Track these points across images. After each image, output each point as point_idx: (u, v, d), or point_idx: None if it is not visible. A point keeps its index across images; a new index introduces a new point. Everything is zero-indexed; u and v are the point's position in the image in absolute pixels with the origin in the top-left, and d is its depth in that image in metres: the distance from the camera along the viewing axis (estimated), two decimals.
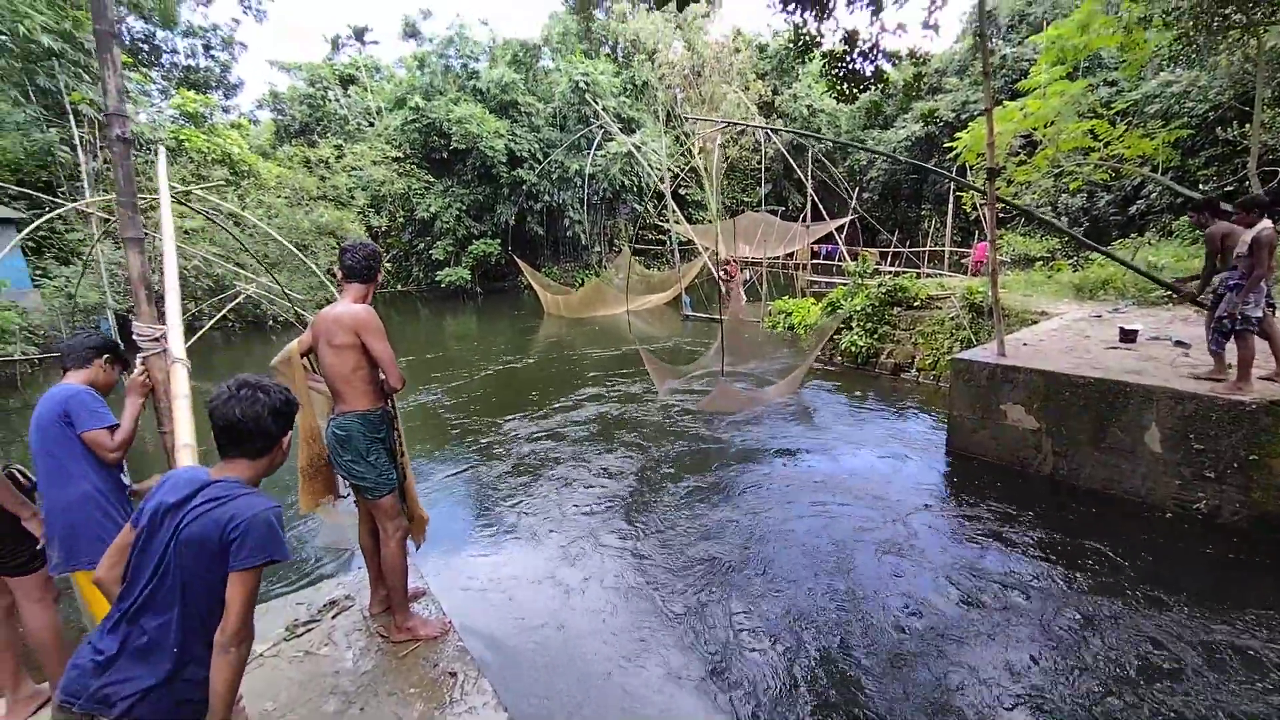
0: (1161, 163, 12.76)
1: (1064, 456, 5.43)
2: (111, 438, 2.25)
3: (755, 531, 4.83)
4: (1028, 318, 8.53)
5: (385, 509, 2.68)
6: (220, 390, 1.57)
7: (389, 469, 2.69)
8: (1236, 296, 4.49)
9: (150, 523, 1.46)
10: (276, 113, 26.34)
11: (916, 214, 27.48)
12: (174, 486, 1.50)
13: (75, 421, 2.21)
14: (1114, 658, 3.28)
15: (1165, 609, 3.67)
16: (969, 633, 3.53)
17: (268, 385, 1.61)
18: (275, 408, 1.58)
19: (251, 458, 1.58)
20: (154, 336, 2.23)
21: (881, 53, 6.94)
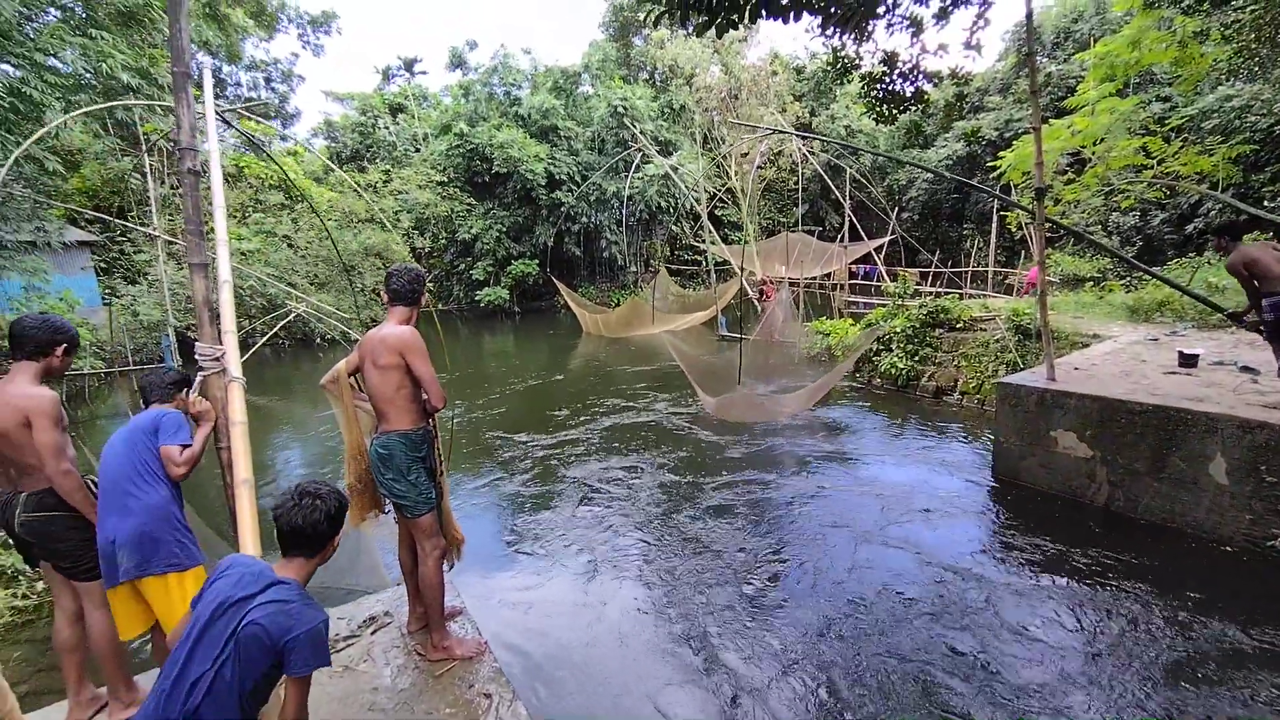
0: (1222, 180, 12.23)
1: (1120, 487, 5.17)
2: (181, 454, 2.39)
3: (789, 558, 4.74)
4: (1078, 340, 8.22)
5: (424, 528, 2.73)
6: (285, 499, 1.78)
7: (428, 488, 2.75)
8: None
9: (212, 613, 1.59)
10: (330, 140, 27.61)
11: (958, 233, 26.88)
12: (240, 582, 1.64)
13: (161, 434, 2.37)
14: (1178, 704, 3.08)
15: (1239, 655, 3.43)
16: (1022, 676, 3.37)
17: (324, 493, 1.81)
18: (330, 514, 1.79)
19: (308, 556, 1.79)
20: (214, 356, 2.36)
21: (922, 74, 6.89)
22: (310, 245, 19.71)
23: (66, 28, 11.25)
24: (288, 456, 8.60)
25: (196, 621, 1.59)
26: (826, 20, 4.96)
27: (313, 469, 7.93)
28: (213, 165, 2.59)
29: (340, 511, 1.83)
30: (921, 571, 4.49)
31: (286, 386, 13.85)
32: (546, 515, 5.74)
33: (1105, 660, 3.43)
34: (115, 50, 11.31)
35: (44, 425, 2.23)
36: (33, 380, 2.32)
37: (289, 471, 7.88)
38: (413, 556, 2.83)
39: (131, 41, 12.46)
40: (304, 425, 9.94)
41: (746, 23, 4.61)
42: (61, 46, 11.23)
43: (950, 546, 4.87)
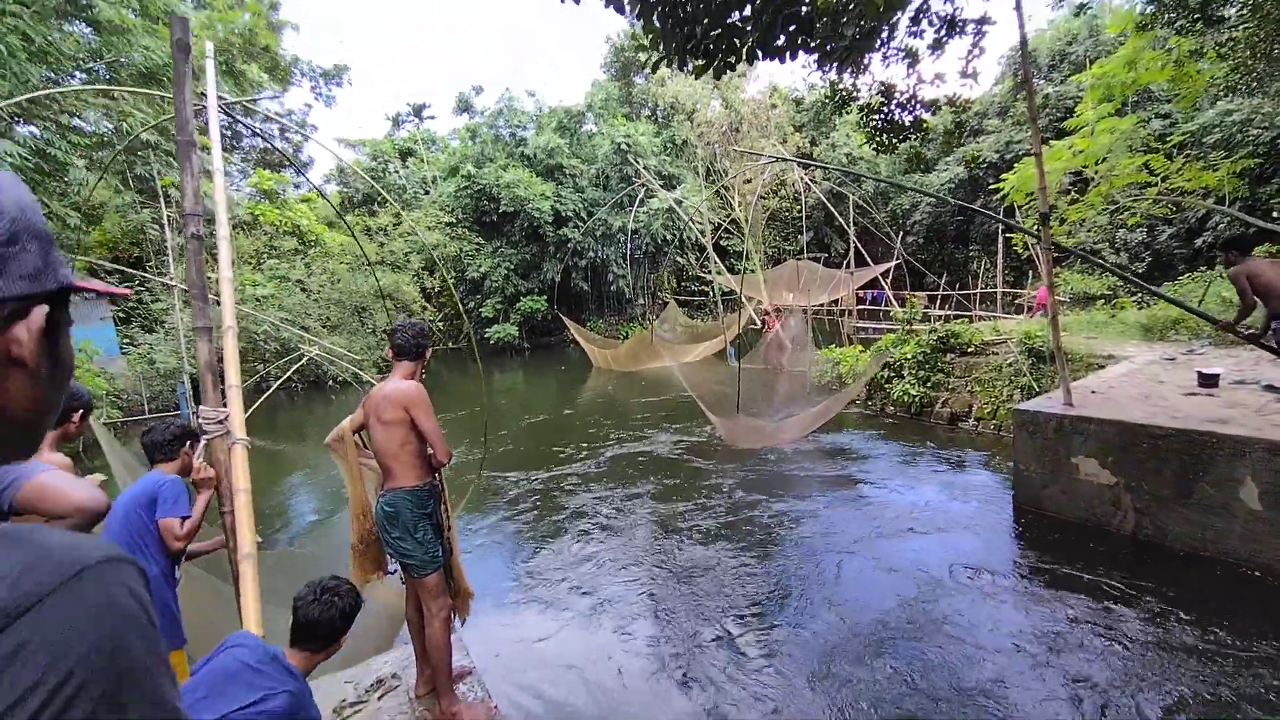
0: (1228, 194, 12.17)
1: (1147, 514, 5.00)
2: (181, 527, 2.37)
3: (807, 594, 4.60)
4: (1093, 362, 8.09)
5: (430, 587, 2.68)
6: (306, 592, 1.85)
7: (434, 546, 2.71)
8: None
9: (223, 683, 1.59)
10: (342, 185, 28.31)
11: (964, 255, 26.87)
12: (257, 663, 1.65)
13: (160, 506, 2.35)
14: None
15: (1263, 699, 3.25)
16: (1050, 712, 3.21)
17: (342, 590, 1.88)
18: (344, 611, 1.85)
19: (315, 650, 1.83)
20: (218, 420, 2.36)
21: (920, 103, 6.97)
22: (323, 289, 20.03)
23: (89, 90, 11.73)
24: (299, 503, 8.57)
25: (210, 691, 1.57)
26: (823, 57, 5.04)
27: (323, 514, 7.89)
28: (215, 166, 2.47)
29: (354, 610, 1.89)
30: (944, 607, 4.34)
31: (299, 430, 13.91)
32: (550, 556, 5.64)
33: (1143, 695, 3.26)
34: (135, 109, 11.75)
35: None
36: (49, 448, 2.34)
37: (301, 518, 7.85)
38: (420, 615, 2.77)
39: (151, 100, 12.97)
40: (316, 469, 9.92)
41: (743, 64, 4.70)
42: (85, 107, 11.71)
43: (975, 581, 4.70)
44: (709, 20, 4.45)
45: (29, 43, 9.30)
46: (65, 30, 11.41)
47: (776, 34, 4.61)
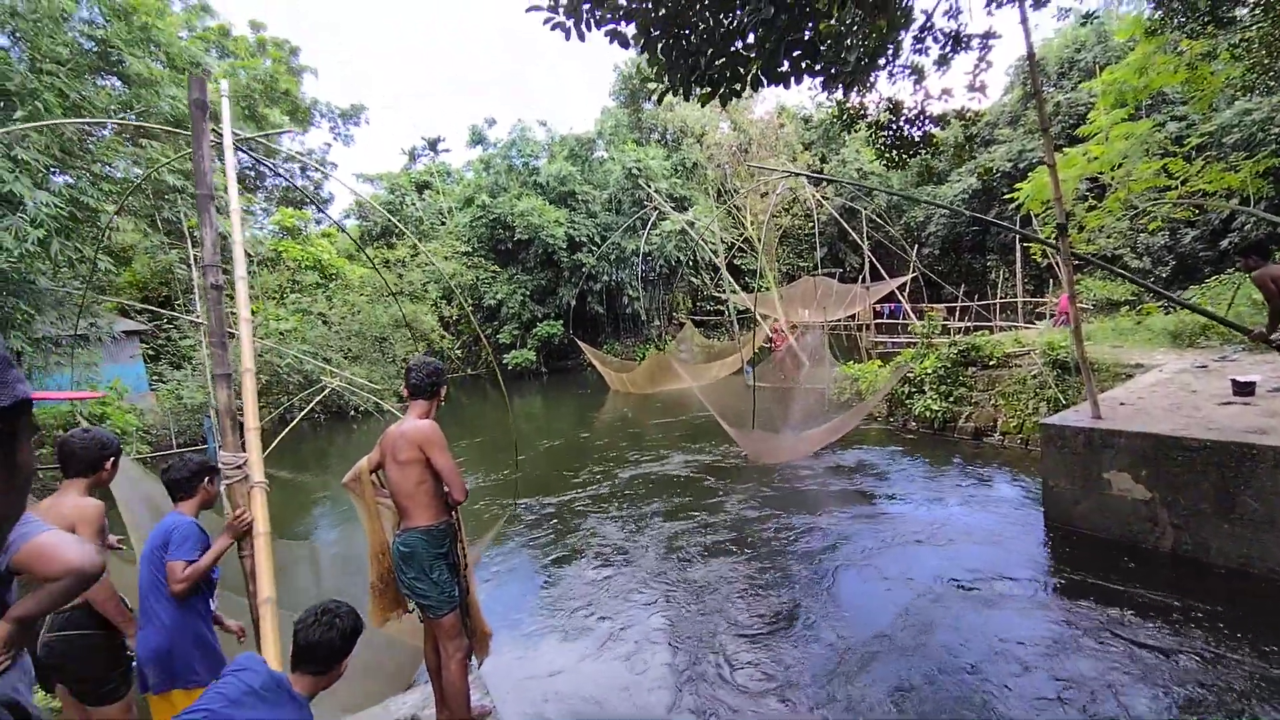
0: (1252, 194, 11.93)
1: (1186, 530, 4.82)
2: (182, 570, 2.35)
3: (824, 614, 4.49)
4: (1120, 372, 7.90)
5: (447, 628, 2.66)
6: (307, 614, 1.84)
7: (451, 586, 2.69)
8: None
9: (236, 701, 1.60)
10: (361, 219, 29.00)
11: (982, 265, 26.60)
12: (264, 687, 1.66)
13: (170, 548, 2.36)
14: None
15: None
16: None
17: (343, 612, 1.86)
18: (345, 632, 1.83)
19: (316, 674, 1.80)
20: (236, 464, 2.39)
21: (928, 118, 6.97)
22: (343, 320, 20.41)
23: (120, 139, 12.22)
24: (321, 533, 8.63)
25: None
26: (829, 80, 5.07)
27: (345, 545, 7.92)
28: (232, 206, 2.52)
29: (355, 632, 1.86)
30: (981, 628, 4.19)
31: (322, 459, 14.07)
32: (566, 582, 5.59)
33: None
34: (163, 156, 12.20)
35: (85, 534, 2.27)
36: (82, 493, 2.40)
37: (323, 549, 7.88)
38: (438, 656, 2.75)
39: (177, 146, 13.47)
40: (339, 499, 10.00)
41: (748, 91, 4.74)
42: (115, 156, 12.18)
43: (1007, 599, 4.55)
44: (713, 50, 4.52)
45: (64, 99, 9.73)
46: (97, 85, 11.93)
47: (780, 60, 4.65)
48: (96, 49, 11.57)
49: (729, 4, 4.51)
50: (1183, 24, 8.37)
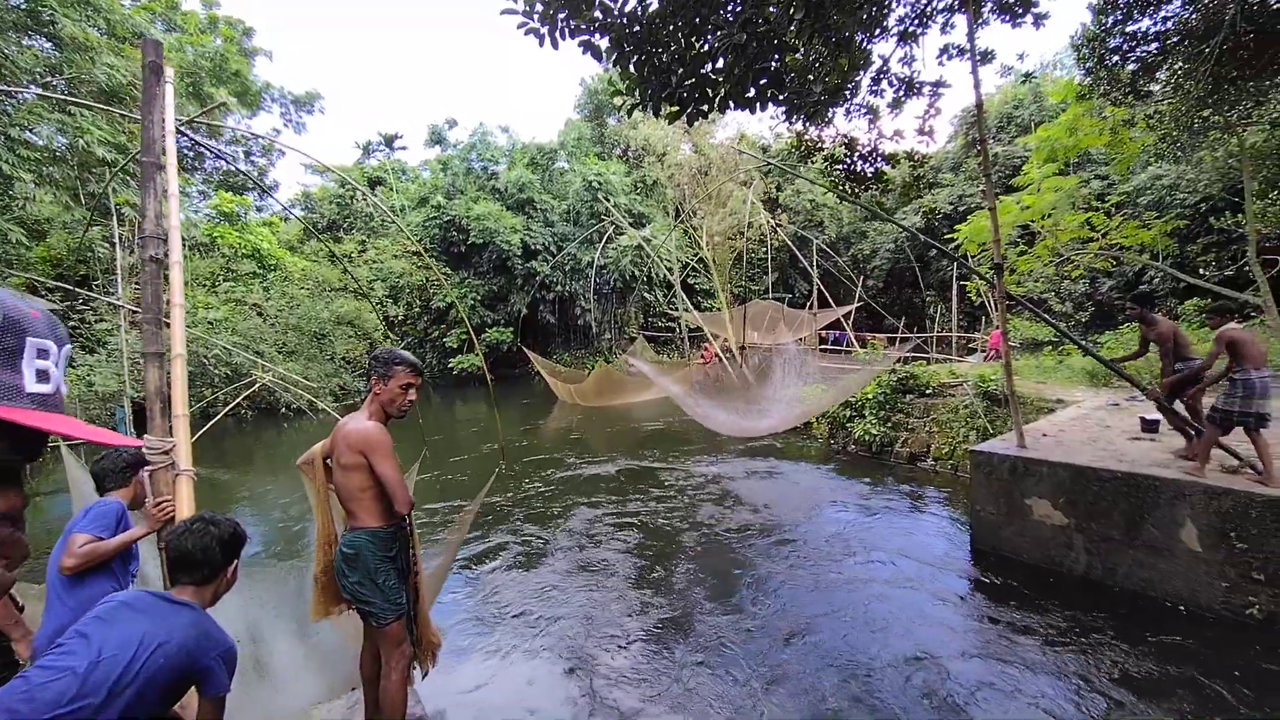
0: (1160, 251, 13.04)
1: (1097, 555, 5.16)
2: (80, 545, 2.15)
3: (764, 628, 4.54)
4: (1043, 406, 8.41)
5: (390, 636, 2.49)
6: (179, 524, 1.74)
7: (398, 592, 2.52)
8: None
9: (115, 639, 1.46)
10: (307, 211, 27.89)
11: (921, 300, 27.93)
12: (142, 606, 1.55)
13: (83, 520, 2.16)
14: None
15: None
16: None
17: (219, 520, 1.77)
18: (223, 539, 1.73)
19: (198, 584, 1.70)
20: (163, 450, 2.23)
21: (880, 156, 7.33)
22: (280, 314, 19.49)
23: (45, 105, 11.38)
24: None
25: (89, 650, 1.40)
26: (791, 110, 5.26)
27: (268, 547, 7.50)
28: (170, 190, 2.38)
29: (235, 540, 1.77)
30: (905, 637, 4.35)
31: (246, 458, 13.30)
32: (491, 588, 5.47)
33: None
34: (94, 126, 11.43)
35: None
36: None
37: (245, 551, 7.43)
38: (376, 663, 2.59)
39: (112, 118, 12.64)
40: (261, 501, 9.48)
41: (716, 112, 4.86)
42: (38, 121, 11.33)
43: (932, 613, 4.74)
44: (683, 70, 4.62)
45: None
46: (23, 45, 11.11)
47: (748, 87, 4.80)
48: (24, 5, 10.79)
49: (701, 28, 4.63)
50: (1108, 92, 9.14)
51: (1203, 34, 7.68)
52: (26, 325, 0.64)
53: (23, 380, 0.62)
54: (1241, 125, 10.08)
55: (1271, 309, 10.09)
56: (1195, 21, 7.81)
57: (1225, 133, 10.45)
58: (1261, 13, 7.24)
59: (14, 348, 0.61)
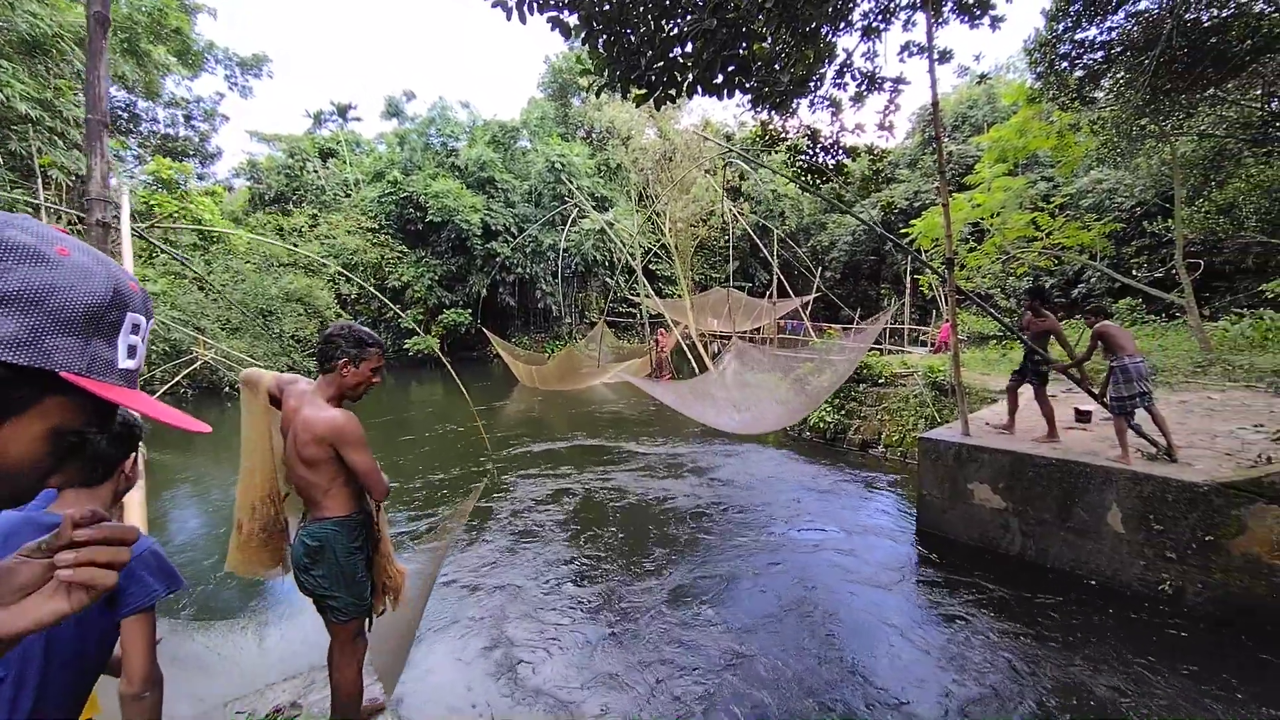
0: (1099, 252, 13.75)
1: (1031, 537, 5.48)
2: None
3: (717, 612, 4.67)
4: (987, 396, 8.81)
5: (348, 631, 2.37)
6: None
7: (364, 586, 2.38)
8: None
9: None
10: (253, 181, 26.58)
11: (876, 292, 28.74)
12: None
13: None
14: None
15: (1125, 693, 3.63)
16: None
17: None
18: (115, 433, 1.48)
19: (93, 487, 1.49)
20: None
21: (841, 149, 7.48)
22: (224, 288, 18.61)
23: None
24: (182, 516, 7.81)
25: None
26: (758, 99, 5.30)
27: (210, 531, 7.24)
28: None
29: (130, 435, 1.50)
30: (852, 610, 4.56)
31: (185, 440, 12.72)
32: (467, 579, 5.45)
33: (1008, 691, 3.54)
34: (15, 80, 10.60)
35: None
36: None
37: (183, 534, 7.15)
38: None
39: (35, 71, 11.73)
40: (202, 483, 9.12)
41: (684, 97, 4.86)
42: None
43: (877, 589, 4.96)
44: (653, 53, 4.60)
45: None
46: None
47: (716, 73, 4.82)
48: None
49: (671, 10, 4.61)
50: (1056, 96, 9.54)
51: (1143, 46, 8.09)
52: (128, 299, 0.63)
53: (117, 356, 0.61)
54: (1174, 135, 10.68)
55: (1193, 309, 10.81)
56: (1137, 34, 8.22)
57: (1159, 141, 11.06)
58: (1195, 30, 7.67)
59: (117, 321, 0.61)
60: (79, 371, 0.58)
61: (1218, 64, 7.90)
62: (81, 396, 0.59)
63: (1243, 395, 7.60)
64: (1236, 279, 15.08)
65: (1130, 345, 5.32)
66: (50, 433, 0.59)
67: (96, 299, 0.59)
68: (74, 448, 0.63)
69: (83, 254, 0.60)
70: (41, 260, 0.56)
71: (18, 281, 0.54)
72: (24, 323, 0.54)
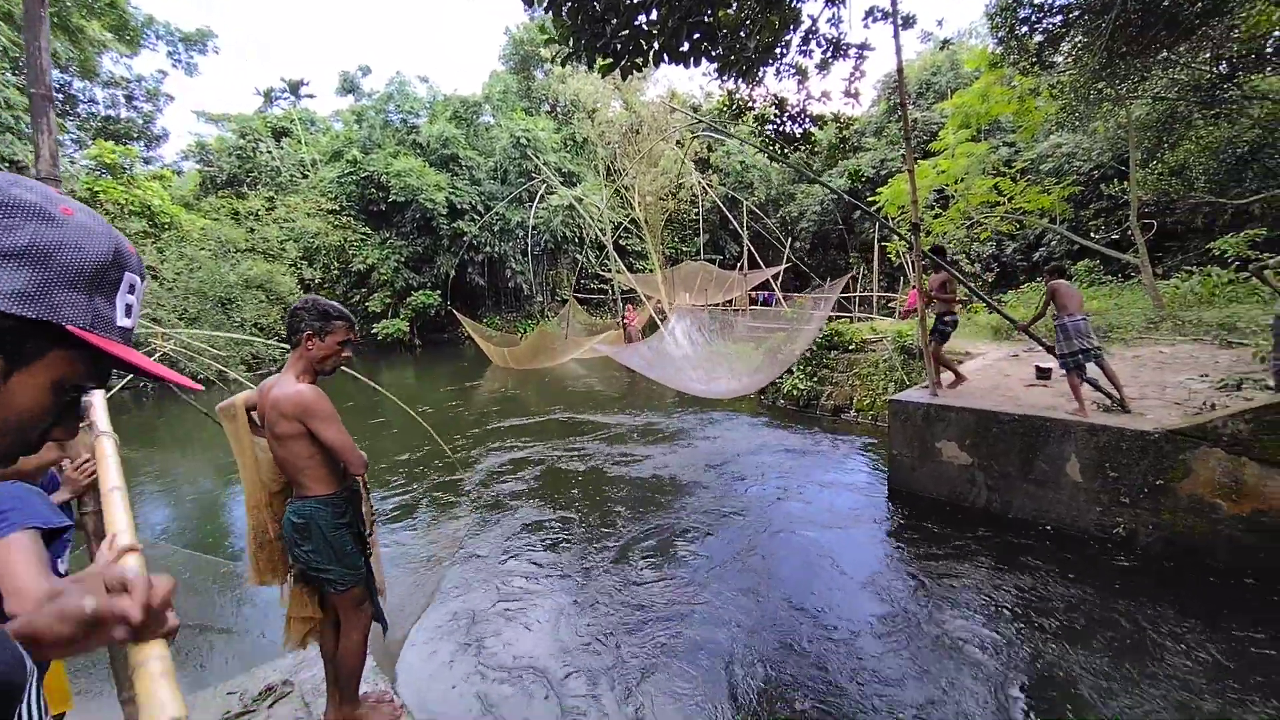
0: (1058, 215, 14.10)
1: (996, 490, 5.71)
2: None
3: (696, 574, 4.80)
4: (953, 358, 9.03)
5: (350, 599, 2.40)
6: None
7: (357, 557, 2.40)
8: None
9: None
10: (203, 164, 25.49)
11: (845, 261, 29.04)
12: None
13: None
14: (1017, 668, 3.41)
15: (1082, 632, 3.86)
16: (895, 667, 3.59)
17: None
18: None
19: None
20: None
21: (808, 117, 7.48)
22: (179, 277, 17.95)
23: None
24: (149, 514, 7.64)
25: None
26: (724, 67, 5.27)
27: (180, 528, 7.12)
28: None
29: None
30: (825, 562, 4.77)
31: (148, 433, 12.38)
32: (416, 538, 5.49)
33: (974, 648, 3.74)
34: None
35: None
36: None
37: (149, 532, 7.01)
38: (336, 637, 2.48)
39: None
40: (168, 479, 8.93)
41: (649, 66, 4.80)
42: None
43: (851, 542, 5.18)
44: (617, 20, 4.52)
45: None
46: None
47: (682, 40, 4.76)
48: None
49: None
50: (1017, 61, 9.65)
51: (1099, 9, 8.21)
52: (127, 259, 0.65)
53: (115, 313, 0.64)
54: (1129, 98, 10.93)
55: (1147, 268, 11.20)
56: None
57: (1116, 105, 11.30)
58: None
59: (117, 280, 0.64)
60: (84, 326, 0.59)
61: (1170, 27, 8.07)
62: (83, 351, 0.61)
63: (1191, 348, 7.96)
64: (1188, 238, 15.62)
65: (1073, 304, 5.55)
66: (55, 385, 0.61)
67: (100, 257, 0.61)
68: (72, 402, 0.65)
69: (85, 214, 0.62)
70: (48, 218, 0.58)
71: (27, 238, 0.56)
72: (33, 277, 0.56)
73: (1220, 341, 8.10)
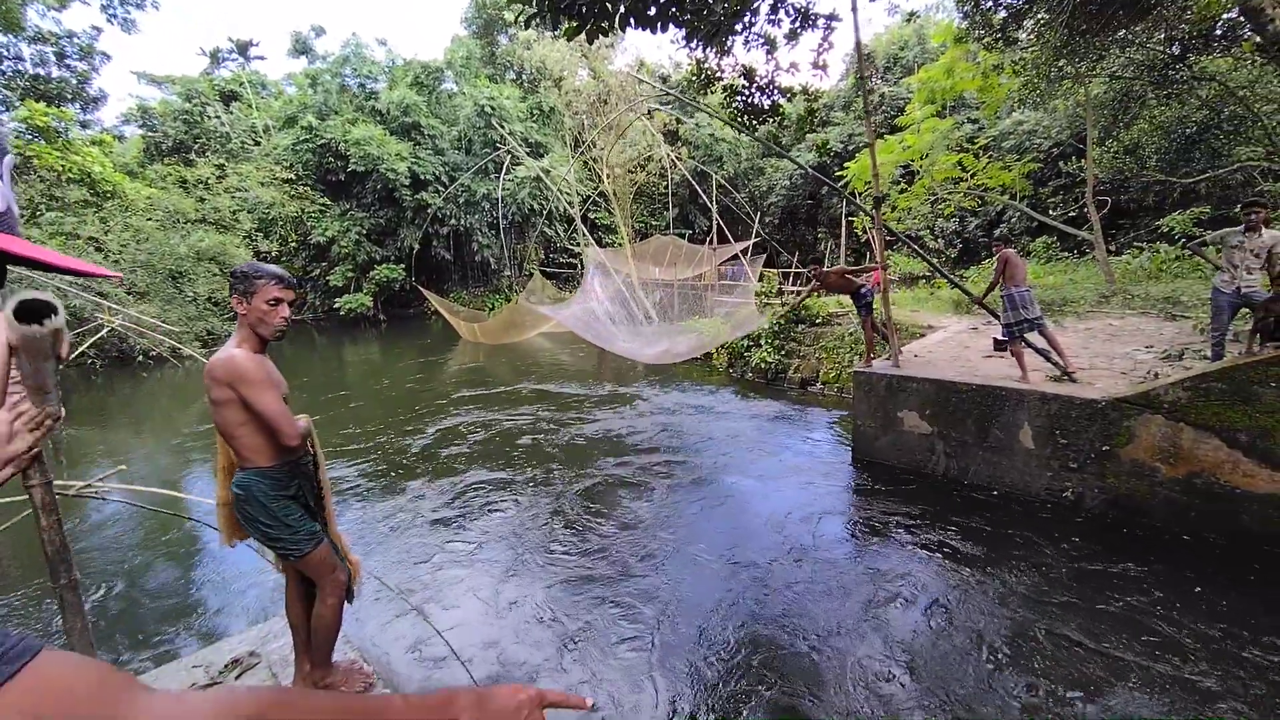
0: (1018, 192, 14.43)
1: (954, 457, 5.92)
2: None
3: (662, 542, 4.88)
4: (916, 331, 9.28)
5: (316, 564, 2.32)
6: None
7: (305, 522, 2.33)
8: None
9: None
10: (146, 129, 24.10)
11: (813, 236, 29.28)
12: None
13: None
14: (976, 629, 3.59)
15: (1032, 592, 4.06)
16: (857, 625, 3.73)
17: None
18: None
19: None
20: None
21: (777, 89, 7.43)
22: (125, 249, 17.09)
23: None
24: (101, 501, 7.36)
25: None
26: (691, 33, 5.17)
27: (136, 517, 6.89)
28: None
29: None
30: (794, 528, 4.92)
31: (100, 412, 11.88)
32: (420, 529, 5.46)
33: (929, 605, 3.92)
34: None
35: None
36: None
37: (101, 511, 6.77)
38: (305, 608, 2.44)
39: None
40: (122, 458, 8.59)
41: (616, 30, 4.68)
42: None
43: (817, 509, 5.32)
44: None
45: None
46: None
47: (649, 4, 4.66)
48: None
49: None
50: (981, 36, 9.72)
51: None
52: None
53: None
54: (1088, 77, 11.15)
55: (1100, 245, 11.59)
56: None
57: (1075, 83, 11.53)
58: None
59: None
60: None
61: (1127, 6, 8.22)
62: None
63: (1139, 321, 8.31)
64: (1139, 216, 16.18)
65: (1020, 276, 5.81)
66: None
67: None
68: None
69: None
70: None
71: None
72: None
73: (1165, 314, 8.48)
